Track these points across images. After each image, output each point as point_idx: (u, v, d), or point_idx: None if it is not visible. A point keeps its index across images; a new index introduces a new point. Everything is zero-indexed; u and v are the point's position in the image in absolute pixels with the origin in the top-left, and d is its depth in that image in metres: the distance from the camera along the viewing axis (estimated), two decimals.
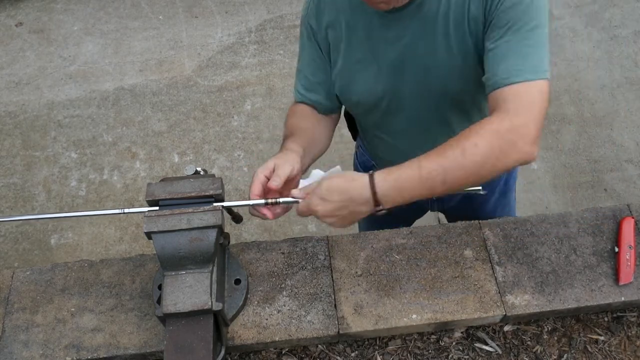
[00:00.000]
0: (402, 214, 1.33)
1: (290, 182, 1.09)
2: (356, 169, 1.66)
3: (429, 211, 1.67)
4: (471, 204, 1.53)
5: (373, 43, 1.15)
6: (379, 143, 1.40)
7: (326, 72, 1.25)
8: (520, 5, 0.98)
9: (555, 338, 1.20)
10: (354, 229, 2.54)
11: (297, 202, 1.05)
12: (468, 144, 0.94)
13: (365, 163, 1.58)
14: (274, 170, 1.06)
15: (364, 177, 0.97)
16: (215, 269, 1.06)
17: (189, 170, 1.13)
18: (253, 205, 1.07)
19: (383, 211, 0.98)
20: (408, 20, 1.10)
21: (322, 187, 0.99)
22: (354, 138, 1.59)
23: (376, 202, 0.97)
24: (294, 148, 1.14)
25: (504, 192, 1.58)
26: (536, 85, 0.96)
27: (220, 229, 1.04)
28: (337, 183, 0.99)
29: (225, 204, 1.06)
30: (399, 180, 0.96)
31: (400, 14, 1.09)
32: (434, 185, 0.95)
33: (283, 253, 1.24)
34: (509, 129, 0.93)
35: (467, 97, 1.20)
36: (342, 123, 1.44)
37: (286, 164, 1.06)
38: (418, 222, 1.59)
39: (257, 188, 1.05)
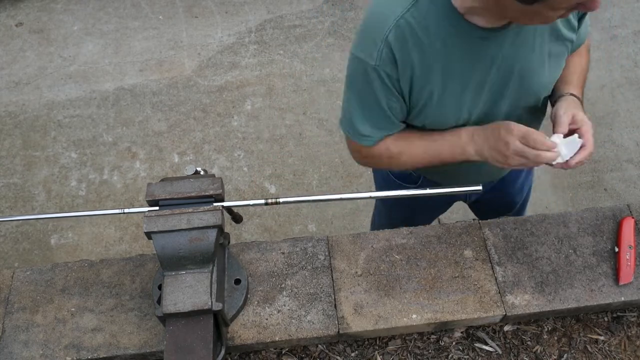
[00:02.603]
0: (432, 204, 1.35)
1: None
2: (376, 180, 1.62)
3: (463, 202, 1.64)
4: (504, 187, 1.54)
5: (474, 65, 1.13)
6: None
7: (400, 112, 1.19)
8: None
9: (555, 338, 1.20)
10: (354, 229, 2.54)
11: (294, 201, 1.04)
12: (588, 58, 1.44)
13: (390, 173, 1.51)
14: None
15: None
16: (215, 269, 1.06)
17: (189, 170, 1.13)
18: (253, 205, 1.07)
19: None
20: (508, 36, 1.10)
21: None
22: None
23: None
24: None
25: (529, 169, 1.61)
26: None
27: (220, 229, 1.04)
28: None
29: (225, 204, 1.06)
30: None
31: (501, 31, 1.08)
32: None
33: (283, 253, 1.24)
34: None
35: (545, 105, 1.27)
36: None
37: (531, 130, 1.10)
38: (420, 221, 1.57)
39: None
